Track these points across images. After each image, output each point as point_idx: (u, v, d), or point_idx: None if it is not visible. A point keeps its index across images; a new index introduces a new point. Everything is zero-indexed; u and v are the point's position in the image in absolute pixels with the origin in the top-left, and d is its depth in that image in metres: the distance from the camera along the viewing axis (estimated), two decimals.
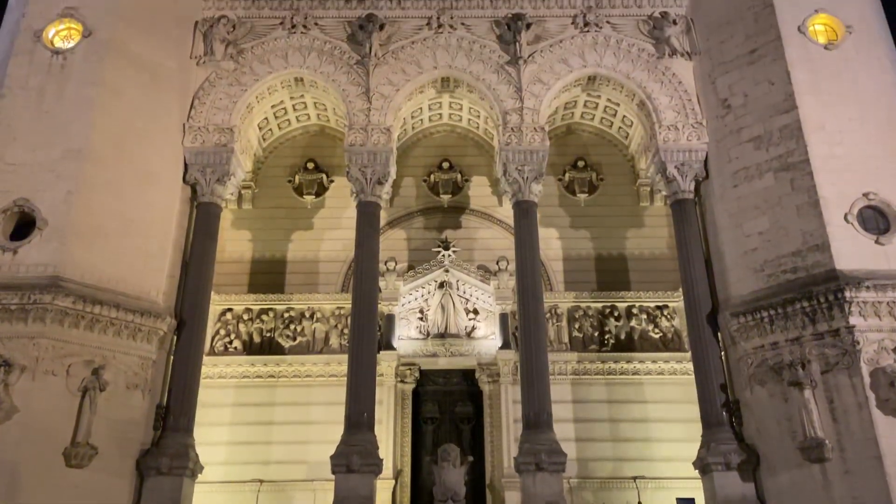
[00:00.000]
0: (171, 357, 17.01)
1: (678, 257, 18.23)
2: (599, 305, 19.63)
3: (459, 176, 21.79)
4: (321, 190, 21.54)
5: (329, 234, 20.94)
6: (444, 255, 20.10)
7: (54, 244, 15.81)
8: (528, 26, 19.71)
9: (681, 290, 18.36)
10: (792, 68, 17.64)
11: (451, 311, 19.59)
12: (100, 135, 17.08)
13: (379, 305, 18.40)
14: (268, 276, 20.45)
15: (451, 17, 20.02)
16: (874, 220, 16.30)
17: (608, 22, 19.96)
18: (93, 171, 16.74)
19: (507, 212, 20.33)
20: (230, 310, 19.51)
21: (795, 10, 18.31)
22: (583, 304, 19.65)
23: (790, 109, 17.35)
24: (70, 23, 18.00)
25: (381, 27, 19.73)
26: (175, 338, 17.14)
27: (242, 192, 20.92)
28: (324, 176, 21.60)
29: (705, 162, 18.56)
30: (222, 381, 18.68)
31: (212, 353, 18.82)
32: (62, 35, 18.03)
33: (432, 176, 21.75)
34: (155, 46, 18.71)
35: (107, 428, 15.15)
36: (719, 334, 17.30)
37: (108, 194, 16.84)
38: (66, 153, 16.66)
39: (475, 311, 19.69)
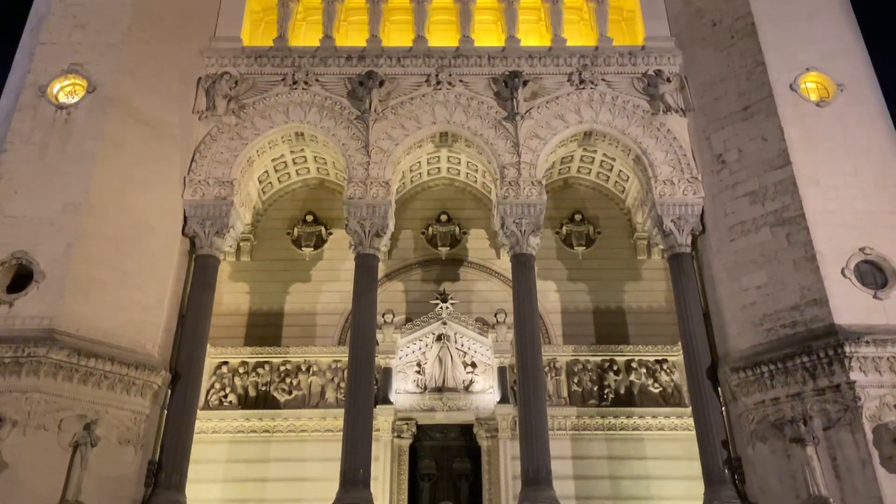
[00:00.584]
0: (165, 411, 16.84)
1: (677, 311, 18.19)
2: (598, 359, 19.49)
3: (458, 228, 21.92)
4: (320, 242, 21.63)
5: (327, 287, 20.94)
6: (441, 308, 20.05)
7: (51, 297, 15.78)
8: (525, 83, 20.13)
9: (680, 344, 18.26)
10: (785, 125, 17.93)
11: (448, 364, 19.44)
12: (100, 188, 17.23)
13: (376, 358, 18.30)
14: (265, 328, 20.37)
15: (450, 75, 20.46)
16: (871, 274, 16.35)
17: (603, 79, 20.40)
18: (92, 223, 16.82)
19: (505, 264, 20.37)
20: (226, 363, 19.32)
21: (787, 69, 18.70)
22: (582, 358, 19.50)
23: (784, 165, 17.58)
24: (75, 78, 18.36)
25: (381, 84, 20.13)
26: (169, 392, 16.99)
27: (241, 244, 21.01)
28: (322, 228, 21.71)
29: (701, 216, 18.74)
30: (216, 436, 18.37)
31: (206, 407, 18.59)
32: (67, 90, 18.35)
33: (430, 228, 21.86)
34: (158, 101, 19.03)
35: (97, 484, 14.88)
36: (719, 389, 17.17)
37: (107, 247, 16.88)
38: (66, 206, 16.77)
39: (473, 365, 19.53)
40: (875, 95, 18.96)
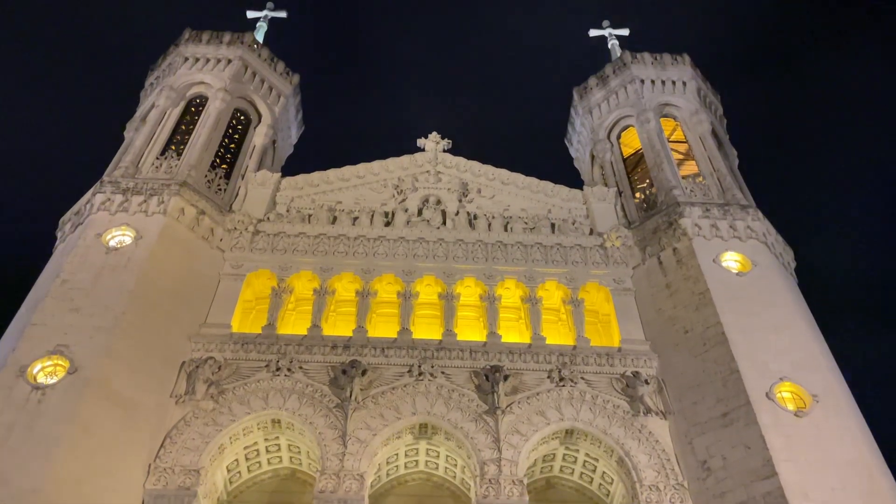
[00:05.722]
0: None
1: None
2: None
3: None
4: None
5: None
6: None
7: None
8: (506, 378, 20.40)
9: None
10: (766, 433, 17.87)
11: None
12: (59, 474, 16.33)
13: None
14: None
15: (432, 366, 20.80)
16: None
17: (583, 378, 20.76)
18: None
19: None
20: None
21: (761, 377, 19.17)
22: None
23: (770, 476, 17.17)
24: (58, 359, 18.34)
25: (364, 373, 20.36)
26: None
27: None
28: None
29: None
30: None
31: None
32: (47, 371, 18.23)
33: None
34: (137, 384, 18.86)
35: None
36: None
37: None
38: (19, 492, 15.76)
39: None
40: (851, 407, 19.25)
